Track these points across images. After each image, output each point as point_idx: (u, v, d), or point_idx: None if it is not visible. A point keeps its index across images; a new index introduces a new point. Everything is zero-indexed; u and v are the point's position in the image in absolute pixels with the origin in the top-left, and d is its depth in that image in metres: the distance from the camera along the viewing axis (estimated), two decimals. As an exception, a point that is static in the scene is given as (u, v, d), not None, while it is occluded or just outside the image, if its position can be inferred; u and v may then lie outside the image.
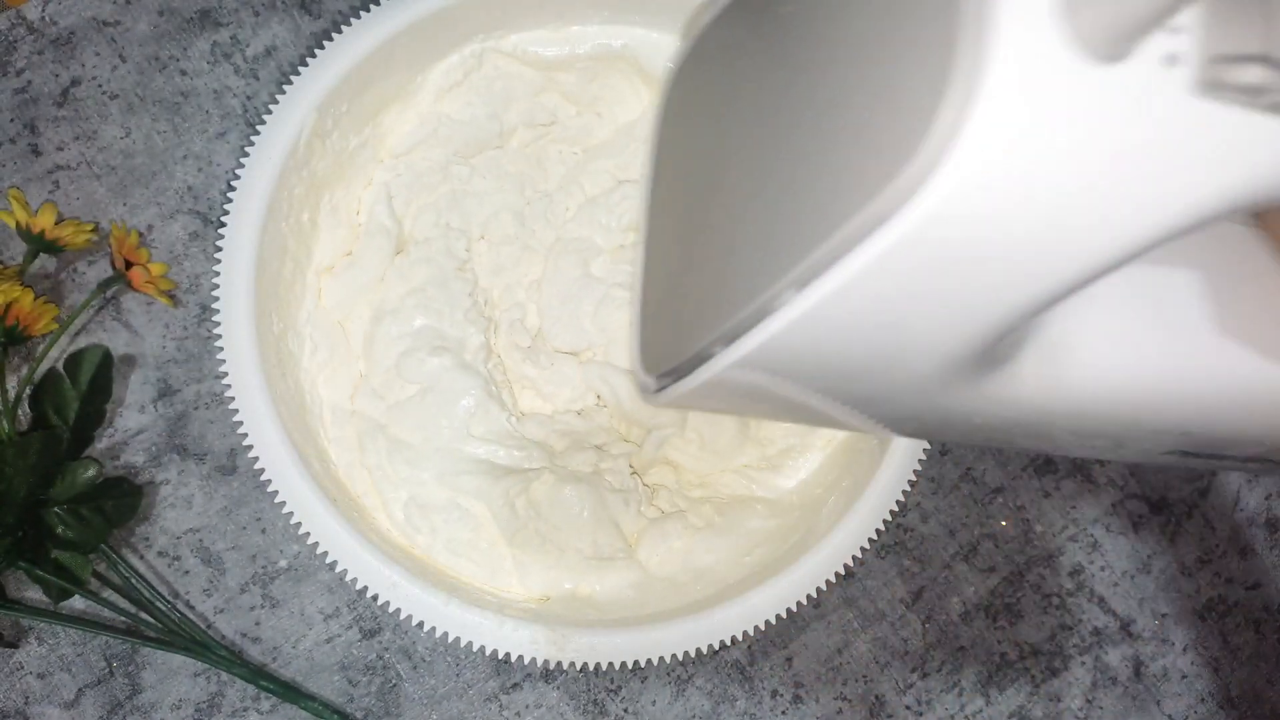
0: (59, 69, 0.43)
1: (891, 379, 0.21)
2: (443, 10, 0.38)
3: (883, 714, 0.42)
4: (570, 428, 0.41)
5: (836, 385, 0.22)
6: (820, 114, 0.20)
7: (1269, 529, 0.46)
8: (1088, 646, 0.44)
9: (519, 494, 0.38)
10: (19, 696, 0.40)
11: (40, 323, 0.39)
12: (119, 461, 0.41)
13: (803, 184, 0.20)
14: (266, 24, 0.44)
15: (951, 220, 0.16)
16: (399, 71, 0.40)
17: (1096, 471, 0.45)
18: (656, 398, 0.25)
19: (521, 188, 0.42)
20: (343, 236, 0.40)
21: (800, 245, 0.19)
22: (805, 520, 0.39)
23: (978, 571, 0.44)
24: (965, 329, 0.19)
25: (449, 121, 0.42)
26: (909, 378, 0.21)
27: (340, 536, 0.34)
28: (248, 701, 0.40)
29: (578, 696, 0.41)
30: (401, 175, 0.41)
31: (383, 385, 0.40)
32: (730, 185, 0.23)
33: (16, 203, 0.40)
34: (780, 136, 0.21)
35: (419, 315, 0.40)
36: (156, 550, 0.41)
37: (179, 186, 0.43)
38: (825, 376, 0.22)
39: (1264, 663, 0.45)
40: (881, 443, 0.37)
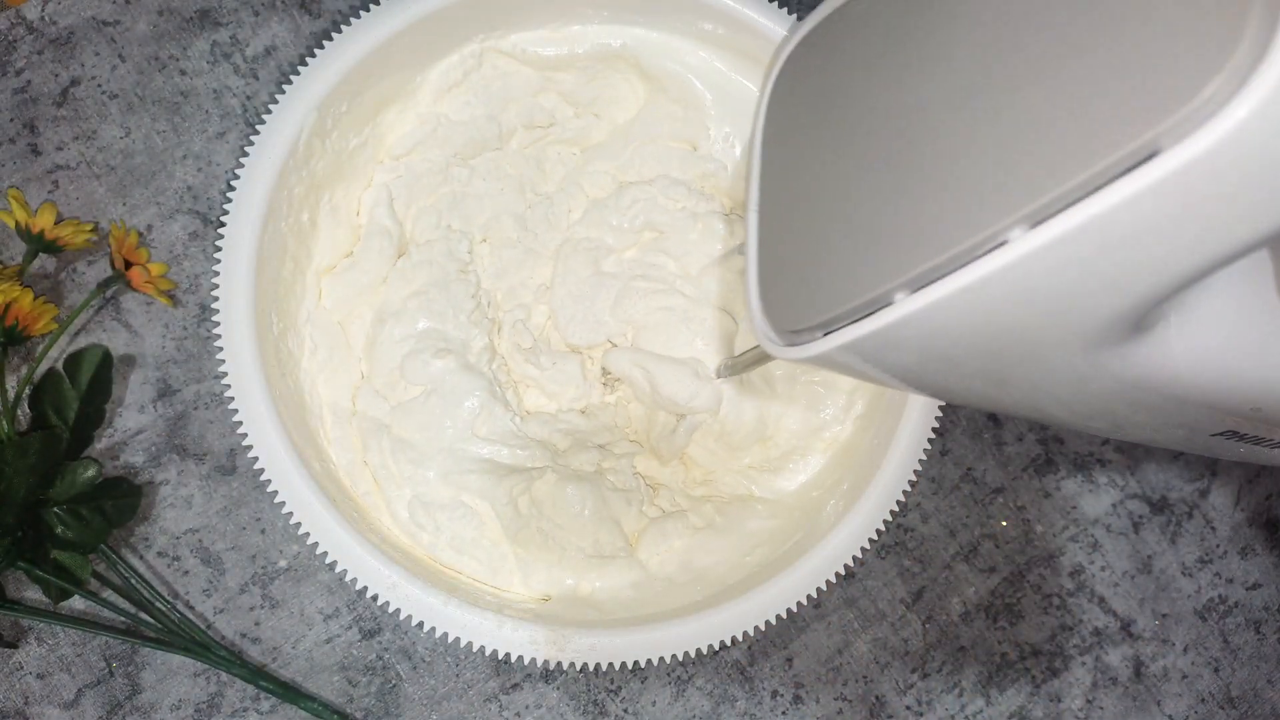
0: (59, 69, 0.43)
1: (1063, 332, 0.21)
2: (442, 10, 0.38)
3: (883, 714, 0.42)
4: (573, 427, 0.41)
5: (1006, 339, 0.22)
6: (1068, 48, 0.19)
7: (1269, 529, 0.46)
8: (1088, 647, 0.44)
9: (522, 493, 0.38)
10: (19, 696, 0.40)
11: (40, 323, 0.39)
12: (119, 461, 0.41)
13: (1043, 120, 0.19)
14: (266, 24, 0.44)
15: (1247, 143, 0.16)
16: (399, 71, 0.40)
17: (1097, 471, 0.45)
18: (790, 351, 0.25)
19: (521, 190, 0.42)
20: (343, 237, 0.40)
21: (1037, 181, 0.18)
22: (805, 521, 0.39)
23: (978, 572, 0.44)
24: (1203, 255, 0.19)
25: (447, 122, 0.42)
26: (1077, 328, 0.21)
27: (340, 536, 0.34)
28: (247, 702, 0.40)
29: (578, 697, 0.41)
30: (401, 176, 0.41)
31: (386, 386, 0.40)
32: (916, 140, 0.23)
33: (16, 203, 0.40)
34: (1009, 73, 0.21)
35: (422, 317, 0.40)
36: (156, 550, 0.41)
37: (179, 186, 0.43)
38: (1002, 327, 0.21)
39: (1264, 663, 0.45)
40: (882, 443, 0.37)
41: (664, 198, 0.42)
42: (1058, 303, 0.20)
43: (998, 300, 0.20)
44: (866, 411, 0.40)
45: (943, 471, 0.44)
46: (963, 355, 0.23)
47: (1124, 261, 0.19)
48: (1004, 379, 0.24)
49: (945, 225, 0.20)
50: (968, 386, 0.25)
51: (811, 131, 0.27)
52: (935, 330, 0.21)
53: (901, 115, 0.24)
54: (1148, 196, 0.17)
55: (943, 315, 0.21)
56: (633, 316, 0.41)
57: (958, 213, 0.20)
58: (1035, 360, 0.23)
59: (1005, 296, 0.20)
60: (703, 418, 0.40)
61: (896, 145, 0.23)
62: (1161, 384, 0.24)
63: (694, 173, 0.42)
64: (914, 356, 0.23)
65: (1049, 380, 0.24)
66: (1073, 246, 0.18)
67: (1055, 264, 0.19)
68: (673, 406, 0.40)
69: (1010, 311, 0.20)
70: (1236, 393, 0.25)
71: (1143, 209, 0.17)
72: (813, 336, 0.24)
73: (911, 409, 0.37)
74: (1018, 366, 0.23)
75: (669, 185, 0.42)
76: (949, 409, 0.44)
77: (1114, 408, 0.26)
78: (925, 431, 0.37)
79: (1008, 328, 0.21)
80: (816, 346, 0.23)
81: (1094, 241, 0.18)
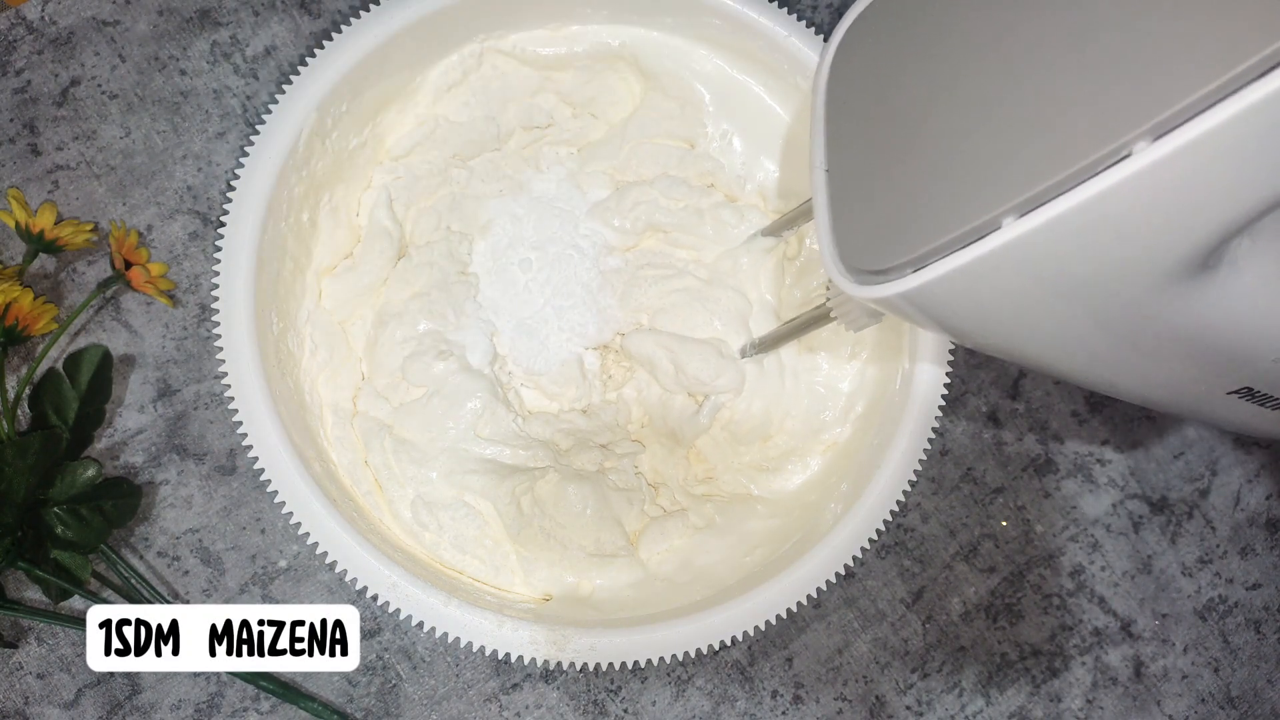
0: (59, 69, 0.43)
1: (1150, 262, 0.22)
2: (442, 10, 0.38)
3: (883, 714, 0.42)
4: (575, 427, 0.41)
5: (1096, 268, 0.22)
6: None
7: (1269, 529, 0.46)
8: (1088, 647, 0.44)
9: (525, 492, 0.38)
10: (19, 696, 0.40)
11: (40, 323, 0.39)
12: (119, 461, 0.41)
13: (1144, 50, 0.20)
14: (266, 24, 0.44)
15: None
16: (399, 71, 0.40)
17: (1097, 471, 0.45)
18: (872, 290, 0.25)
19: (519, 190, 0.42)
20: (342, 237, 0.40)
21: (1168, 95, 0.19)
22: (805, 521, 0.39)
23: (978, 572, 0.44)
24: None
25: (446, 123, 0.42)
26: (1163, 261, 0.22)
27: (340, 536, 0.34)
28: (247, 702, 0.40)
29: (578, 697, 0.41)
30: (401, 178, 0.41)
31: (387, 387, 0.40)
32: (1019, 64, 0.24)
33: (16, 203, 0.40)
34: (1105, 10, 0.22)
35: (423, 319, 0.40)
36: (156, 550, 0.41)
37: (179, 186, 0.43)
38: (1096, 255, 0.22)
39: (1264, 663, 0.45)
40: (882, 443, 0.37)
41: (665, 198, 0.42)
42: (1151, 228, 0.21)
43: (1104, 222, 0.21)
44: (866, 412, 0.40)
45: (943, 471, 0.44)
46: (1045, 289, 0.23)
47: (1223, 177, 0.20)
48: (1071, 318, 0.25)
49: (1059, 146, 0.21)
50: (1030, 328, 0.26)
51: (887, 88, 0.28)
52: (1034, 258, 0.22)
53: (991, 53, 0.24)
54: (1248, 116, 0.18)
55: (1048, 239, 0.21)
56: (645, 303, 0.42)
57: (1073, 131, 0.21)
58: (1110, 296, 0.23)
59: (1112, 218, 0.21)
60: (726, 398, 0.41)
61: (989, 85, 0.24)
62: (1214, 325, 0.25)
63: (692, 171, 0.42)
64: (999, 290, 0.24)
65: (1114, 319, 0.24)
66: (1188, 159, 0.19)
67: (1167, 179, 0.20)
68: (698, 386, 0.40)
69: (1109, 237, 0.21)
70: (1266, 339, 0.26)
71: (1246, 127, 0.18)
72: (902, 273, 0.24)
73: (911, 409, 0.37)
74: (1092, 302, 0.24)
75: (670, 185, 0.42)
76: (949, 409, 0.44)
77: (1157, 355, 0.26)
78: (925, 431, 0.37)
79: (1101, 256, 0.22)
80: (911, 280, 0.24)
81: (1206, 155, 0.19)
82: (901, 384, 0.38)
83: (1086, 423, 0.45)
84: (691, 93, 0.42)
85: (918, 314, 0.26)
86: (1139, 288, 0.23)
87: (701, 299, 0.41)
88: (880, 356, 0.41)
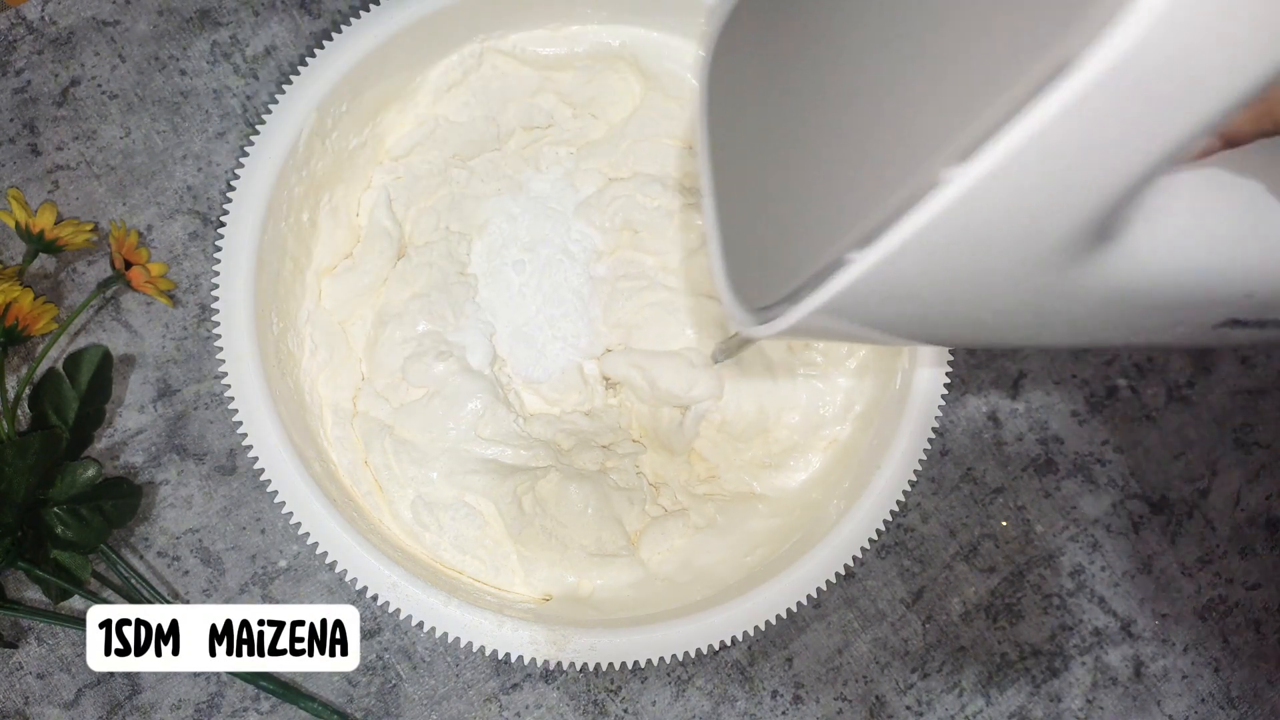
0: (59, 69, 0.43)
1: (1027, 254, 0.21)
2: (442, 10, 0.38)
3: (883, 714, 0.42)
4: (577, 427, 0.41)
5: (970, 267, 0.22)
6: None
7: (1269, 529, 0.46)
8: (1088, 646, 0.44)
9: (526, 491, 0.38)
10: (19, 696, 0.40)
11: (40, 323, 0.39)
12: (119, 461, 0.41)
13: (948, 66, 0.19)
14: (266, 24, 0.44)
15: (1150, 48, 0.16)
16: (399, 71, 0.40)
17: (1097, 471, 0.45)
18: (763, 329, 0.25)
19: (518, 190, 0.42)
20: (342, 237, 0.40)
21: (960, 115, 0.18)
22: (805, 520, 0.39)
23: (978, 571, 0.44)
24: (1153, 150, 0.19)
25: (446, 124, 0.42)
26: (1042, 250, 0.21)
27: (340, 536, 0.34)
28: (247, 702, 0.40)
29: (578, 697, 0.41)
30: (400, 178, 0.41)
31: (387, 388, 0.40)
32: (844, 95, 0.23)
33: (16, 203, 0.40)
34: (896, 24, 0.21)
35: (422, 320, 0.40)
36: (156, 550, 0.41)
37: (179, 186, 0.43)
38: (961, 262, 0.21)
39: (1264, 663, 0.45)
40: (881, 443, 0.37)
41: (641, 195, 0.42)
42: (1012, 228, 0.20)
43: (954, 237, 0.20)
44: (865, 411, 0.40)
45: (943, 471, 0.44)
46: (938, 297, 0.22)
47: (1061, 180, 0.19)
48: (988, 311, 0.24)
49: (881, 175, 0.20)
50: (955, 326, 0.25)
51: (747, 111, 0.28)
52: (901, 279, 0.21)
53: (823, 79, 0.24)
54: (1066, 113, 0.17)
55: (902, 264, 0.21)
56: (622, 318, 0.41)
57: (890, 161, 0.20)
58: (1013, 287, 0.22)
59: (959, 232, 0.20)
60: (707, 406, 0.40)
61: (824, 107, 0.23)
62: (1144, 288, 0.24)
63: (689, 169, 0.42)
64: (888, 308, 0.23)
65: (1035, 304, 0.24)
66: (1008, 173, 0.18)
67: (997, 192, 0.19)
68: (674, 399, 0.40)
69: (969, 246, 0.20)
70: (1223, 283, 0.25)
71: (1065, 126, 0.17)
72: (782, 310, 0.24)
73: (911, 409, 0.37)
74: (996, 297, 0.23)
75: (645, 183, 0.42)
76: (949, 408, 0.44)
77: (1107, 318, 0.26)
78: (925, 431, 0.37)
79: (972, 262, 0.21)
80: (787, 318, 0.24)
81: (1028, 164, 0.18)
82: (901, 383, 0.38)
83: (1086, 423, 0.45)
84: (690, 92, 0.42)
85: (830, 335, 0.25)
86: (1035, 277, 0.22)
87: (673, 310, 0.41)
88: (879, 353, 0.41)
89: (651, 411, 0.42)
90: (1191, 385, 0.46)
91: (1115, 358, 0.46)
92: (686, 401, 0.40)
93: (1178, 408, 0.46)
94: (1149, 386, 0.46)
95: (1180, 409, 0.46)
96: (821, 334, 0.25)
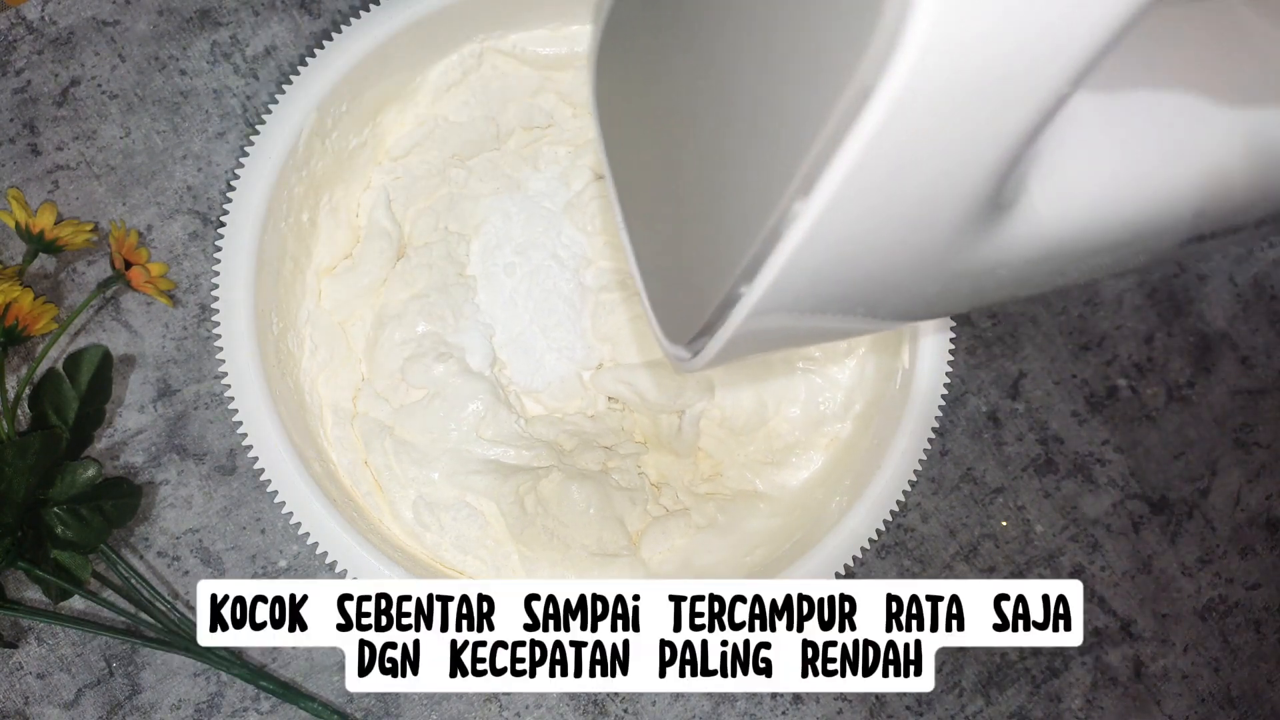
0: (59, 69, 0.43)
1: (919, 252, 0.21)
2: (442, 10, 0.38)
3: (883, 714, 0.42)
4: (579, 428, 0.41)
5: (865, 277, 0.21)
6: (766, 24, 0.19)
7: (1269, 529, 0.46)
8: (1088, 646, 0.44)
9: (528, 491, 0.38)
10: (19, 696, 0.40)
11: (40, 323, 0.39)
12: (119, 461, 0.41)
13: (774, 96, 0.19)
14: (266, 24, 0.44)
15: (944, 53, 0.16)
16: (399, 71, 0.40)
17: (1097, 471, 0.45)
18: (694, 363, 0.25)
19: (515, 189, 0.42)
20: (342, 238, 0.40)
21: (793, 152, 0.18)
22: (806, 520, 0.39)
23: (978, 571, 0.44)
24: (985, 159, 0.19)
25: (445, 124, 0.42)
26: (935, 244, 0.21)
27: (340, 536, 0.34)
28: (247, 701, 0.40)
29: (578, 696, 0.41)
30: (400, 178, 0.41)
31: (387, 389, 0.40)
32: (699, 129, 0.23)
33: (16, 203, 0.40)
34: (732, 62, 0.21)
35: (421, 321, 0.40)
36: (156, 550, 0.41)
37: (179, 186, 0.43)
38: (853, 274, 0.21)
39: (1264, 663, 0.45)
40: (881, 443, 0.37)
41: None
42: (889, 234, 0.20)
43: (836, 254, 0.20)
44: (865, 411, 0.40)
45: (943, 471, 0.44)
46: (847, 301, 0.22)
47: (915, 183, 0.19)
48: (912, 298, 0.23)
49: (750, 208, 0.20)
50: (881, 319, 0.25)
51: (635, 141, 0.28)
52: (801, 297, 0.21)
53: (678, 109, 0.24)
54: (881, 135, 0.17)
55: (791, 288, 0.21)
56: (607, 332, 0.41)
57: (753, 192, 0.20)
58: (926, 273, 0.22)
59: (838, 249, 0.20)
60: (702, 407, 0.40)
61: (688, 141, 0.24)
62: (1072, 236, 0.23)
63: None
64: (803, 321, 0.23)
65: (957, 283, 0.23)
66: (853, 196, 0.18)
67: (853, 210, 0.19)
68: (664, 409, 0.40)
69: (857, 260, 0.20)
70: (1160, 212, 0.23)
71: (888, 144, 0.17)
72: (703, 343, 0.24)
73: (911, 409, 0.37)
74: (915, 286, 0.23)
75: None
76: (949, 409, 0.44)
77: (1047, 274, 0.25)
78: (925, 431, 0.37)
79: (867, 272, 0.21)
80: (707, 353, 0.24)
81: (871, 182, 0.18)
82: (901, 383, 0.38)
83: (1086, 423, 0.45)
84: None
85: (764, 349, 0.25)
86: (944, 261, 0.21)
87: None
88: (879, 352, 0.41)
89: (652, 419, 0.42)
90: (1191, 385, 0.46)
91: (1115, 357, 0.46)
92: (678, 408, 0.40)
93: (1178, 408, 0.46)
94: (1149, 386, 0.46)
95: (1180, 409, 0.46)
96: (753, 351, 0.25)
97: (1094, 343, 0.46)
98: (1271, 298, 0.47)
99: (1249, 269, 0.47)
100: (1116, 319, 0.46)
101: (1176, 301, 0.47)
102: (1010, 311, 0.46)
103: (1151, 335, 0.46)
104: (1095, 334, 0.46)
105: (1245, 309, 0.47)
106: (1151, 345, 0.46)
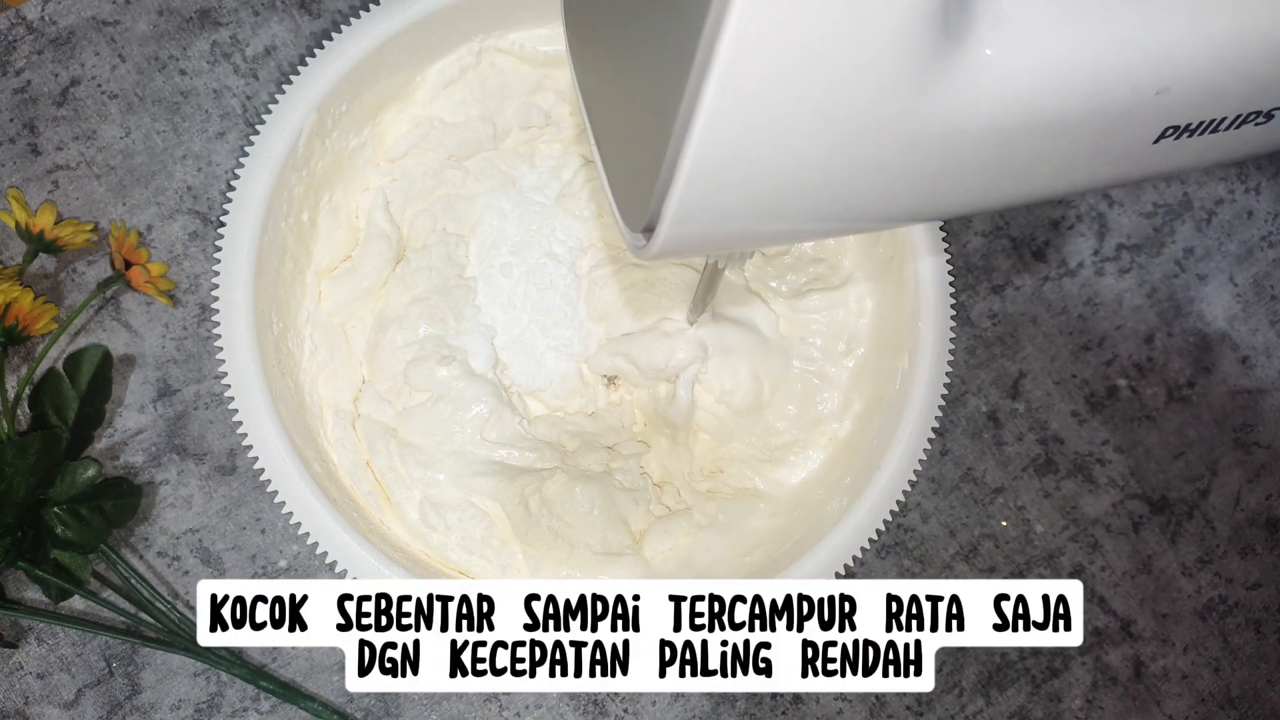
0: (59, 69, 0.43)
1: (859, 93, 0.20)
2: (442, 9, 0.38)
3: (883, 714, 0.42)
4: (581, 429, 0.41)
5: (796, 149, 0.21)
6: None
7: (1269, 529, 0.46)
8: (1088, 646, 0.44)
9: (533, 493, 0.38)
10: (19, 696, 0.40)
11: (40, 323, 0.39)
12: (119, 461, 0.41)
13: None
14: (266, 24, 0.44)
15: None
16: (398, 71, 0.40)
17: (1097, 471, 0.45)
18: (650, 249, 0.25)
19: (510, 186, 0.42)
20: (342, 238, 0.40)
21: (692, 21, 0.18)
22: (806, 520, 0.39)
23: (978, 571, 0.44)
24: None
25: (441, 125, 0.42)
26: (878, 85, 0.20)
27: (340, 536, 0.34)
28: (247, 702, 0.40)
29: (578, 696, 0.41)
30: (397, 180, 0.41)
31: (390, 392, 0.40)
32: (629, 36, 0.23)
33: (16, 203, 0.40)
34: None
35: (423, 324, 0.40)
36: (156, 550, 0.41)
37: (179, 186, 0.43)
38: (781, 147, 0.20)
39: (1264, 663, 0.45)
40: (881, 442, 0.37)
41: None
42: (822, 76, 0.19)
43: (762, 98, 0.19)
44: (865, 411, 0.40)
45: (943, 471, 0.44)
46: (791, 173, 0.22)
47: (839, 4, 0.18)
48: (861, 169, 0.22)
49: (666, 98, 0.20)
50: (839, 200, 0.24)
51: (588, 62, 0.28)
52: (737, 161, 0.21)
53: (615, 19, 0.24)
54: None
55: (723, 149, 0.20)
56: (600, 307, 0.42)
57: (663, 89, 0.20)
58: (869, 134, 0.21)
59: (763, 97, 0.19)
60: (695, 370, 0.41)
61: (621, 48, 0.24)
62: (1027, 103, 0.22)
63: None
64: (754, 195, 0.22)
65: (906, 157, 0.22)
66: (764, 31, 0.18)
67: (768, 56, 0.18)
68: (659, 373, 0.41)
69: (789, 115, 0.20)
70: (1119, 79, 0.22)
71: None
72: (656, 219, 0.23)
73: (911, 408, 0.37)
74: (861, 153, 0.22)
75: None
76: (949, 409, 0.44)
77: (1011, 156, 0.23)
78: (925, 431, 0.37)
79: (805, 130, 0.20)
80: (663, 230, 0.23)
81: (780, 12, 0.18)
82: (901, 383, 0.38)
83: (1086, 423, 0.45)
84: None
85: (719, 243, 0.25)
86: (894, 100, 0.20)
87: (648, 287, 0.41)
88: (878, 352, 0.41)
89: (650, 394, 0.42)
90: (1191, 385, 0.46)
91: (1115, 357, 0.46)
92: (673, 371, 0.41)
93: (1178, 408, 0.46)
94: (1149, 386, 0.46)
95: (1180, 409, 0.46)
96: (712, 239, 0.25)
97: (1094, 343, 0.46)
98: (1271, 298, 0.47)
99: (1249, 269, 0.47)
100: (1116, 319, 0.46)
101: (1176, 301, 0.47)
102: (1010, 311, 0.46)
103: (1151, 335, 0.46)
104: (1095, 334, 0.46)
105: (1245, 309, 0.47)
106: (1151, 345, 0.46)
